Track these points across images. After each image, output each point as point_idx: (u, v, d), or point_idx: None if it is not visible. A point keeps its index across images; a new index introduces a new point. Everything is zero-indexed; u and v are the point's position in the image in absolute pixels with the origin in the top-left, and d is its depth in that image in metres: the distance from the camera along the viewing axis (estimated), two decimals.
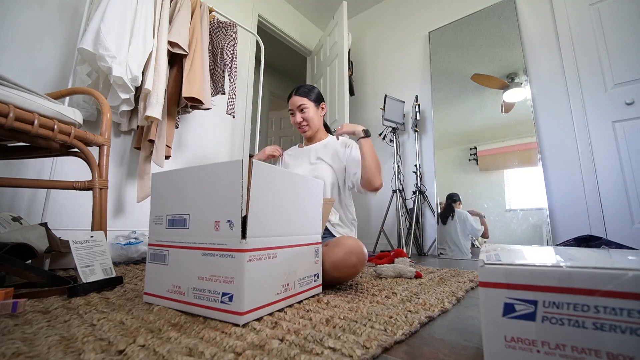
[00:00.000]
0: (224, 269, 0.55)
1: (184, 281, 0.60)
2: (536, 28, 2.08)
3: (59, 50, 1.47)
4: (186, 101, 1.58)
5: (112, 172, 1.58)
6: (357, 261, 0.81)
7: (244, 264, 0.53)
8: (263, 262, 0.58)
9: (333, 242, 0.86)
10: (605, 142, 1.74)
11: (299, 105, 1.30)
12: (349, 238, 0.86)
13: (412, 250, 2.20)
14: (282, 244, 0.64)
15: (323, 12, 3.07)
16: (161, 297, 0.64)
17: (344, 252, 0.81)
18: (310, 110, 1.31)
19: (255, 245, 0.56)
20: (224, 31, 1.85)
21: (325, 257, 0.82)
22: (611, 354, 0.30)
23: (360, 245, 0.84)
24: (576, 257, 0.38)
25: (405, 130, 2.59)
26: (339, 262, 0.81)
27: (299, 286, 0.69)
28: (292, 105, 1.33)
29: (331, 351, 0.41)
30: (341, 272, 0.81)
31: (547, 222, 1.81)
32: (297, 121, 1.32)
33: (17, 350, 0.39)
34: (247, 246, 0.54)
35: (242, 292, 0.52)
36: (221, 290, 0.55)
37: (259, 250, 0.57)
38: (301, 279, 0.70)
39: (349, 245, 0.82)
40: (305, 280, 0.72)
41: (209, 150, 2.11)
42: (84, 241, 0.79)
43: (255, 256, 0.56)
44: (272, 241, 0.61)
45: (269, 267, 0.59)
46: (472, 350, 0.45)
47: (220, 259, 0.56)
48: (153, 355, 0.39)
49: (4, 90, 0.70)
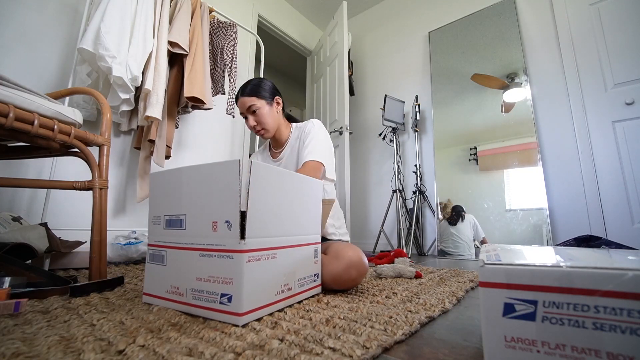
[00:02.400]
0: (223, 269, 0.55)
1: (182, 282, 0.60)
2: (536, 28, 2.08)
3: (59, 50, 1.47)
4: (187, 101, 1.58)
5: (112, 172, 1.58)
6: (357, 275, 0.81)
7: (243, 265, 0.53)
8: (262, 262, 0.58)
9: (333, 253, 0.85)
10: (605, 142, 1.74)
11: (249, 107, 1.10)
12: (349, 248, 0.84)
13: (412, 250, 2.20)
14: (282, 245, 0.64)
15: (323, 12, 3.07)
16: (160, 298, 0.63)
17: (343, 265, 0.80)
18: (263, 110, 1.11)
19: (254, 246, 0.56)
20: (224, 31, 1.85)
21: (324, 268, 0.81)
22: (611, 354, 0.30)
23: (359, 257, 0.82)
24: (576, 257, 0.38)
25: (405, 130, 2.59)
26: (339, 276, 0.80)
27: (298, 286, 0.68)
28: (241, 109, 1.13)
29: (331, 351, 0.41)
30: (341, 285, 0.82)
31: (547, 222, 1.81)
32: (251, 125, 1.12)
33: (17, 350, 0.39)
34: (246, 247, 0.54)
35: (241, 293, 0.52)
36: (220, 291, 0.54)
37: (258, 251, 0.57)
38: (301, 279, 0.70)
39: (349, 258, 0.80)
40: (305, 280, 0.72)
41: (209, 150, 2.11)
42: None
43: (254, 257, 0.56)
44: (271, 242, 0.61)
45: (268, 268, 0.59)
46: (472, 350, 0.45)
47: (219, 259, 0.56)
48: (153, 355, 0.39)
49: (4, 90, 0.70)
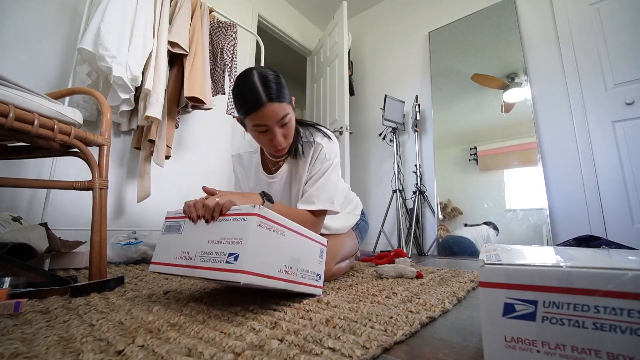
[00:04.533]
0: (235, 231, 0.58)
1: (193, 247, 0.63)
2: (536, 28, 2.08)
3: (59, 50, 1.47)
4: (187, 101, 1.58)
5: (112, 172, 1.58)
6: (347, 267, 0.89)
7: (255, 227, 0.57)
8: (271, 233, 0.61)
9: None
10: (605, 142, 1.74)
11: (283, 117, 0.81)
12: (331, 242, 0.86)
13: (412, 250, 2.20)
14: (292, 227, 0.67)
15: (323, 12, 3.07)
16: (167, 265, 0.66)
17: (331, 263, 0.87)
18: (293, 120, 0.86)
19: (266, 214, 0.59)
20: (224, 31, 1.85)
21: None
22: (611, 354, 0.30)
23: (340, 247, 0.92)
24: (576, 257, 0.38)
25: (405, 130, 2.59)
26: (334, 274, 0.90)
27: (300, 276, 0.70)
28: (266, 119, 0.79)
29: (331, 351, 0.41)
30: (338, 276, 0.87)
31: (547, 222, 1.81)
32: (279, 141, 0.82)
33: (16, 351, 0.39)
34: (258, 211, 0.58)
35: (247, 251, 0.55)
36: (228, 251, 0.57)
37: (268, 220, 0.60)
38: (304, 271, 0.71)
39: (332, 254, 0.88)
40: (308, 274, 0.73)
41: (209, 150, 2.11)
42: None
43: (265, 224, 0.59)
44: (283, 219, 0.64)
45: (275, 241, 0.62)
46: (472, 350, 0.45)
47: (233, 222, 0.60)
48: (152, 355, 0.39)
49: (4, 90, 0.70)
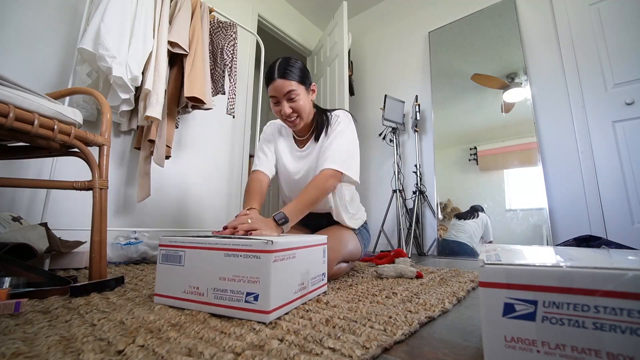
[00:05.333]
0: (249, 269, 0.56)
1: (203, 282, 0.60)
2: (536, 28, 2.07)
3: (59, 50, 1.46)
4: (187, 101, 1.58)
5: (112, 172, 1.57)
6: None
7: (270, 264, 0.55)
8: (285, 262, 0.60)
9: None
10: (605, 142, 1.74)
11: (288, 92, 0.96)
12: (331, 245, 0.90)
13: (412, 250, 2.20)
14: (299, 245, 0.67)
15: (323, 12, 3.07)
16: (176, 299, 0.62)
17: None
18: (302, 98, 0.99)
19: (280, 247, 0.58)
20: (224, 31, 1.85)
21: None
22: (611, 354, 0.30)
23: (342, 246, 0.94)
24: (576, 257, 0.38)
25: (405, 130, 2.59)
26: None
27: (311, 285, 0.71)
28: (275, 92, 0.97)
29: (331, 351, 0.41)
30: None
31: (547, 222, 1.81)
32: (286, 113, 0.98)
33: (17, 350, 0.39)
34: (272, 247, 0.56)
35: (269, 291, 0.54)
36: (245, 290, 0.55)
37: (282, 251, 0.59)
38: (313, 278, 0.72)
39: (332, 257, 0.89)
40: (316, 279, 0.74)
41: (209, 150, 2.11)
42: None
43: (279, 257, 0.58)
44: (291, 242, 0.64)
45: (289, 267, 0.61)
46: (472, 350, 0.45)
47: (245, 259, 0.57)
48: (152, 355, 0.39)
49: (4, 90, 0.70)
